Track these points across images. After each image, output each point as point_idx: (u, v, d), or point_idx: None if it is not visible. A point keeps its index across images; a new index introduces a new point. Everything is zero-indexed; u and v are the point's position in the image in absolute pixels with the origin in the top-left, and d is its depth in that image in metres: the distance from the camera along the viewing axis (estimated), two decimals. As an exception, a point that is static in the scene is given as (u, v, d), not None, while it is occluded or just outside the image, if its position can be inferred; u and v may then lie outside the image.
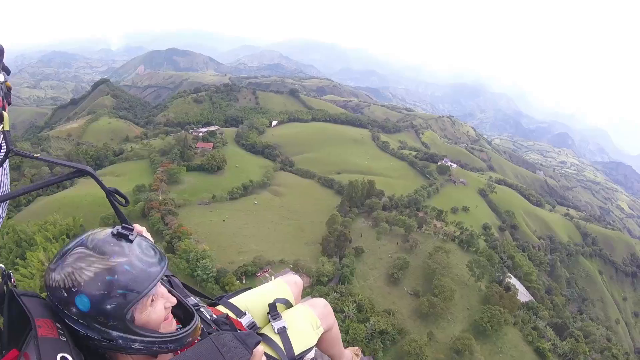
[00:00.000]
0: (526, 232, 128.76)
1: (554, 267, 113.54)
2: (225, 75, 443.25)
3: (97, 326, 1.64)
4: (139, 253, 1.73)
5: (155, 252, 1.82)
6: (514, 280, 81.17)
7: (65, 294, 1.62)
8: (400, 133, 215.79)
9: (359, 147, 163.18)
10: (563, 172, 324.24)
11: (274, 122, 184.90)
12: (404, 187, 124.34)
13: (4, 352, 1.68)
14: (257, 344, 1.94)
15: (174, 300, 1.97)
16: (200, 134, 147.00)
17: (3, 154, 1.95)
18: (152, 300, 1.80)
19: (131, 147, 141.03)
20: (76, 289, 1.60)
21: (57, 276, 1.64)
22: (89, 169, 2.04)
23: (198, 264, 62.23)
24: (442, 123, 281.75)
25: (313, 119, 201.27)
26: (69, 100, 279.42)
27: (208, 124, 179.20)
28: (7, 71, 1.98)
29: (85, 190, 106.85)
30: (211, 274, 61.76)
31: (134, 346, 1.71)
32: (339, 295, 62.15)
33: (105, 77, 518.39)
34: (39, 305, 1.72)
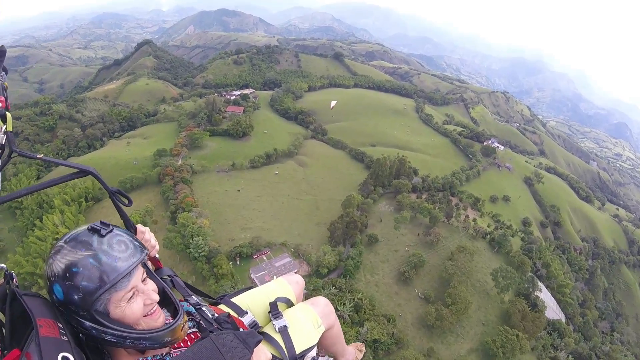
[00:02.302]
0: (570, 231, 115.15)
1: (593, 274, 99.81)
2: (274, 36, 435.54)
3: (73, 315, 1.78)
4: (107, 248, 1.80)
5: (127, 248, 1.87)
6: (544, 294, 70.22)
7: (47, 282, 1.79)
8: (448, 106, 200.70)
9: (400, 119, 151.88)
10: (617, 165, 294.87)
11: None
12: (441, 167, 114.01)
13: (5, 351, 1.74)
14: (258, 343, 1.99)
15: (155, 298, 2.00)
16: (233, 97, 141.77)
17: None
18: (131, 296, 1.87)
19: (164, 108, 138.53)
20: (53, 279, 1.76)
21: (44, 266, 1.84)
22: (92, 169, 2.12)
23: (191, 241, 57.48)
24: (496, 99, 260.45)
25: (355, 85, 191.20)
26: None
27: (245, 86, 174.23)
28: (5, 71, 2.00)
29: (111, 152, 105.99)
30: (203, 253, 57.01)
31: (106, 338, 1.81)
32: (337, 290, 54.87)
33: (156, 37, 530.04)
34: (40, 305, 1.80)
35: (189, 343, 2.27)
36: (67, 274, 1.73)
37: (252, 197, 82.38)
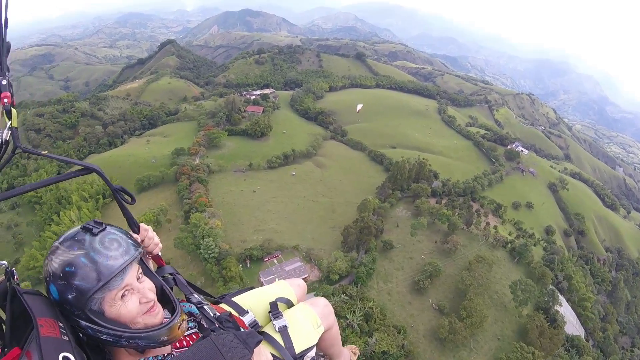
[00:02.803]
0: (594, 240, 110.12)
1: (616, 287, 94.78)
2: (297, 36, 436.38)
3: (69, 315, 1.78)
4: (98, 246, 1.80)
5: (120, 246, 1.87)
6: (564, 308, 66.71)
7: (45, 283, 1.80)
8: (471, 108, 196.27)
9: (421, 120, 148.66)
10: None
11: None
12: (463, 170, 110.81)
13: (5, 349, 1.75)
14: (258, 343, 1.98)
15: (150, 296, 1.98)
16: (253, 97, 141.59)
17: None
18: (124, 295, 1.86)
19: (185, 107, 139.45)
20: (48, 279, 1.77)
21: (43, 266, 1.84)
22: (96, 167, 2.08)
23: (202, 241, 56.76)
24: (521, 101, 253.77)
25: (377, 86, 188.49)
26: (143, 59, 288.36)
27: (266, 86, 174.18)
28: (7, 68, 1.99)
29: (131, 150, 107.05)
30: (213, 254, 56.18)
31: (102, 337, 1.80)
32: (347, 297, 52.79)
33: (180, 36, 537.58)
34: (41, 303, 1.78)
35: (191, 343, 2.26)
36: (61, 274, 1.73)
37: (268, 198, 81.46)
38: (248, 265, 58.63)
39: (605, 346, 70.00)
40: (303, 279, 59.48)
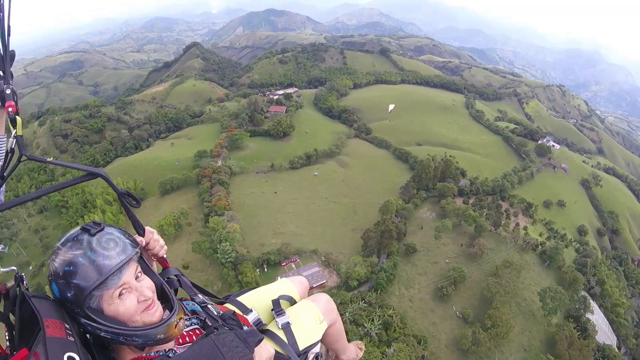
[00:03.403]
0: (628, 240, 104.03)
1: None
2: (321, 34, 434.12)
3: (70, 313, 1.84)
4: (95, 246, 1.85)
5: (117, 245, 1.91)
6: (596, 315, 62.60)
7: (48, 282, 1.86)
8: (500, 101, 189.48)
9: (448, 116, 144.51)
10: None
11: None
12: (492, 167, 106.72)
13: (14, 352, 1.81)
14: (259, 342, 2.00)
15: (148, 294, 2.01)
16: (276, 97, 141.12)
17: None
18: (122, 293, 1.90)
19: (209, 109, 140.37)
20: (50, 278, 1.84)
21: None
22: (102, 172, 2.11)
23: (219, 246, 56.11)
24: (551, 93, 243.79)
25: (402, 81, 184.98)
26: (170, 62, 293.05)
27: (290, 85, 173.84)
28: (11, 76, 2.02)
29: (156, 153, 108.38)
30: (229, 259, 55.38)
31: (101, 334, 1.86)
32: (366, 305, 50.43)
33: (206, 39, 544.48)
34: (48, 306, 1.83)
35: (194, 339, 2.29)
36: (60, 273, 1.79)
37: (289, 199, 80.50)
38: (265, 270, 57.62)
39: (638, 353, 65.47)
40: (320, 284, 59.01)
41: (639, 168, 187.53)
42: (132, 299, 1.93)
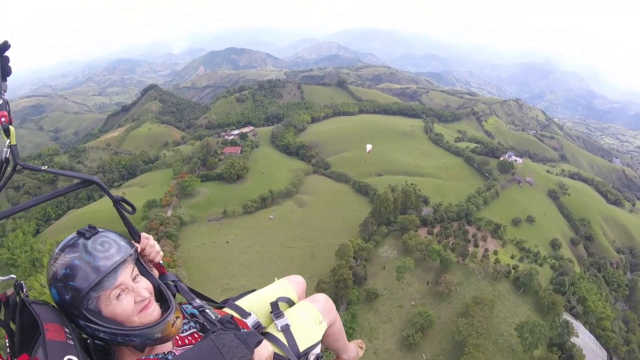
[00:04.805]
0: (603, 244, 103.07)
1: (634, 289, 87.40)
2: (282, 70, 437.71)
3: (70, 316, 1.87)
4: (90, 248, 1.88)
5: (112, 247, 1.94)
6: (581, 336, 58.99)
7: (48, 287, 1.88)
8: (459, 122, 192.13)
9: (408, 142, 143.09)
10: None
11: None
12: (456, 190, 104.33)
13: (15, 358, 1.84)
14: (259, 343, 2.04)
15: (144, 295, 2.03)
16: (231, 137, 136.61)
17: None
18: (119, 295, 1.92)
19: (164, 154, 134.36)
20: (50, 283, 1.87)
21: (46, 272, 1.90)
22: (95, 178, 2.15)
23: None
24: (508, 107, 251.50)
25: (361, 111, 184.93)
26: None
27: (248, 123, 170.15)
28: (8, 73, 2.05)
29: (106, 204, 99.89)
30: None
31: (100, 335, 1.88)
32: None
33: (169, 79, 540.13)
34: (48, 311, 1.87)
35: (193, 342, 2.31)
36: (58, 276, 1.81)
37: (242, 248, 74.56)
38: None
39: (630, 360, 61.87)
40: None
41: (603, 168, 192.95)
42: (129, 300, 1.95)
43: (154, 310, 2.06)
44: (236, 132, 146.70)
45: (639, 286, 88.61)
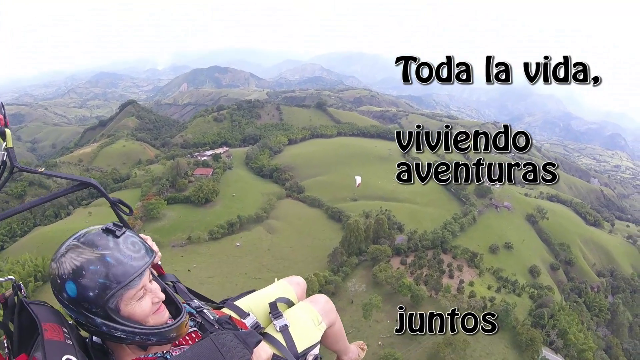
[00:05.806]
0: (584, 267, 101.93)
1: (615, 313, 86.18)
2: (264, 90, 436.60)
3: (84, 312, 1.81)
4: (123, 247, 1.86)
5: (140, 249, 1.94)
6: None
7: (58, 281, 1.80)
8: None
9: (385, 165, 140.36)
10: (618, 177, 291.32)
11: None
12: (432, 216, 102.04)
13: (13, 358, 1.85)
14: (258, 343, 2.04)
15: (162, 296, 2.07)
16: (204, 158, 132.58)
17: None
18: (142, 295, 1.94)
19: (135, 173, 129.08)
20: (66, 277, 1.78)
21: (53, 265, 1.84)
22: (93, 181, 2.17)
23: None
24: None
25: (339, 134, 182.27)
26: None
27: (224, 144, 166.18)
28: None
29: (71, 224, 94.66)
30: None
31: (116, 334, 1.87)
32: None
33: (151, 95, 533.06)
34: (46, 311, 1.88)
35: (190, 342, 2.28)
36: (83, 272, 1.77)
37: (204, 278, 70.28)
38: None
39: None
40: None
41: (582, 189, 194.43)
42: (148, 301, 1.97)
43: (165, 311, 2.09)
44: (209, 152, 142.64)
45: (620, 309, 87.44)
